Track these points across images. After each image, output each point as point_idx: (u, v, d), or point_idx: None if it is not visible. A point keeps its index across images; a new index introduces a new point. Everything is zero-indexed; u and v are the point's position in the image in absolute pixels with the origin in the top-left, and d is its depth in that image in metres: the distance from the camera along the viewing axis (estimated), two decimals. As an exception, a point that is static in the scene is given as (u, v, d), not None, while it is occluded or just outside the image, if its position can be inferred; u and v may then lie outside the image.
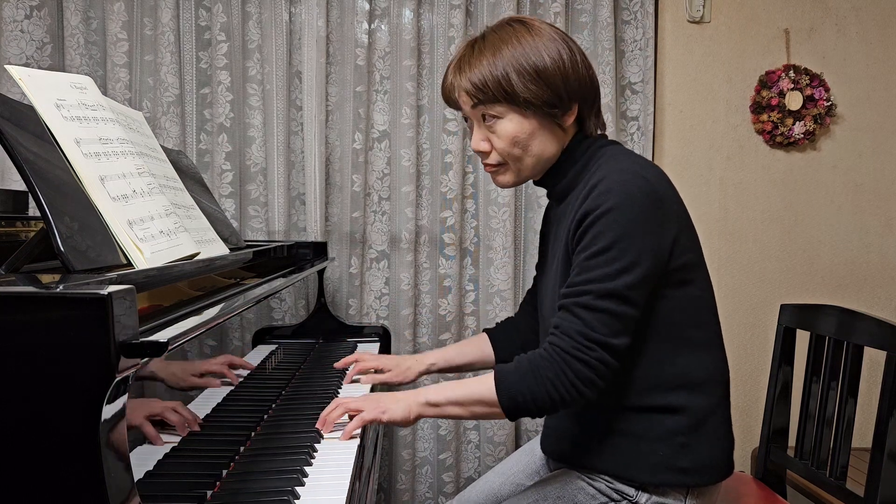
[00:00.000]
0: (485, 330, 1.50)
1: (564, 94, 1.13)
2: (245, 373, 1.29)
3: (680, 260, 1.11)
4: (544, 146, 1.17)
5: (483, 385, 1.10)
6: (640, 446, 1.13)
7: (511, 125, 1.14)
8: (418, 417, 1.15)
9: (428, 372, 1.47)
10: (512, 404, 1.08)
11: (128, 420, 0.67)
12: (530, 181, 1.26)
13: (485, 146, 1.18)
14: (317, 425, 1.16)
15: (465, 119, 1.23)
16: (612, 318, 1.05)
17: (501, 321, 1.52)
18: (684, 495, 1.14)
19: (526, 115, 1.14)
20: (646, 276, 1.06)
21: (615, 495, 1.15)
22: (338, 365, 1.52)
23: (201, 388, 1.06)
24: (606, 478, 1.16)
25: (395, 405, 1.14)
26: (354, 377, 1.49)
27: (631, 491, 1.14)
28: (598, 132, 1.22)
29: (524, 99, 1.12)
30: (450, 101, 1.22)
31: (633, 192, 1.06)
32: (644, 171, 1.10)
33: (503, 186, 1.24)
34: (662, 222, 1.08)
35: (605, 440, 1.16)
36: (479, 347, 1.48)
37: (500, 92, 1.12)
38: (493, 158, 1.19)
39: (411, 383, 1.47)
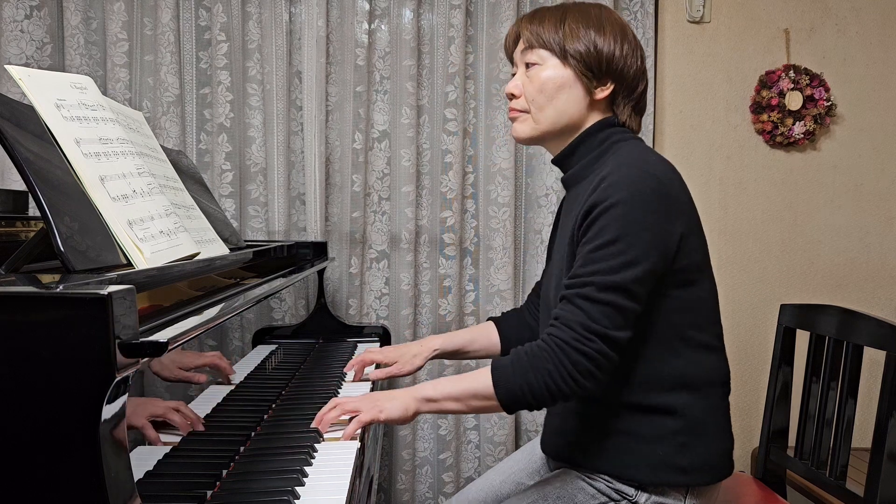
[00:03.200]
0: (490, 318, 1.51)
1: (605, 64, 1.17)
2: (244, 374, 1.29)
3: (686, 260, 1.11)
4: (569, 104, 1.19)
5: (480, 379, 1.10)
6: (639, 446, 1.13)
7: (548, 71, 1.19)
8: (416, 413, 1.14)
9: (433, 357, 1.47)
10: (510, 397, 1.07)
11: (129, 421, 0.67)
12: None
13: (516, 89, 1.23)
14: (313, 424, 1.16)
15: (513, 65, 1.27)
16: (615, 311, 1.05)
17: (507, 311, 1.52)
18: (684, 495, 1.14)
19: (564, 66, 1.19)
20: (650, 272, 1.06)
21: (615, 495, 1.15)
22: (347, 369, 1.51)
23: (186, 383, 1.06)
24: (606, 477, 1.16)
25: (392, 403, 1.14)
26: (363, 375, 1.49)
27: (630, 490, 1.14)
28: (626, 125, 1.22)
29: (567, 50, 1.17)
30: (508, 46, 1.28)
31: (641, 187, 1.07)
32: (653, 168, 1.10)
33: (518, 136, 1.26)
34: (670, 219, 1.08)
35: (605, 440, 1.16)
36: (486, 335, 1.48)
37: (552, 39, 1.19)
38: (520, 103, 1.23)
39: (418, 370, 1.47)
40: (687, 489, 1.14)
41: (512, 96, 1.24)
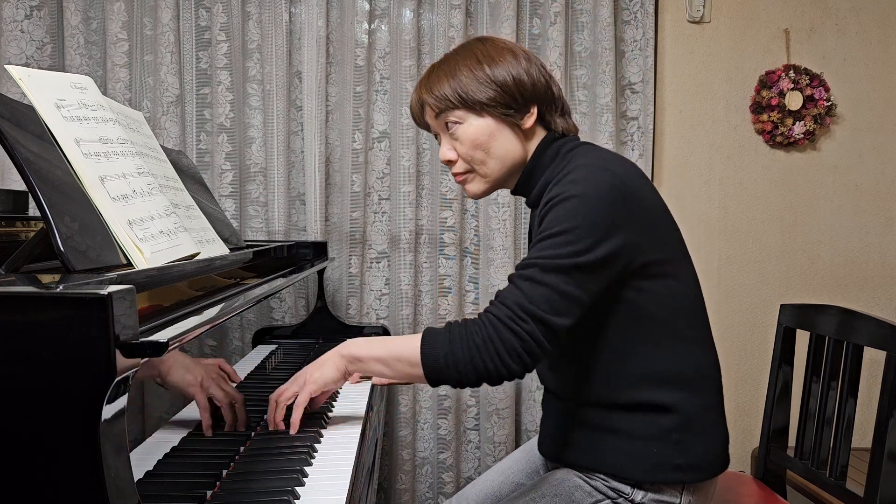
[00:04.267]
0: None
1: (518, 94, 1.16)
2: (244, 374, 1.29)
3: (655, 254, 1.11)
4: (506, 148, 1.19)
5: (409, 343, 1.08)
6: (634, 445, 1.13)
7: (470, 129, 1.18)
8: (350, 373, 1.14)
9: None
10: (434, 365, 1.05)
11: (193, 379, 0.63)
12: (508, 192, 1.27)
13: (451, 154, 1.21)
14: (269, 427, 1.15)
15: (436, 136, 1.25)
16: (554, 294, 1.03)
17: None
18: (680, 491, 1.14)
19: (483, 116, 1.17)
20: (598, 262, 1.05)
21: (612, 493, 1.15)
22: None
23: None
24: (603, 476, 1.16)
25: (321, 371, 1.13)
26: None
27: (627, 489, 1.14)
28: (568, 134, 1.23)
29: (479, 102, 1.16)
30: (420, 122, 1.26)
31: (596, 183, 1.06)
32: (610, 164, 1.10)
33: (473, 196, 1.25)
34: (627, 215, 1.07)
35: (600, 440, 1.16)
36: None
37: (457, 97, 1.17)
38: (460, 166, 1.22)
39: None
40: (683, 485, 1.14)
41: (450, 163, 1.23)
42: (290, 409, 1.14)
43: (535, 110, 1.19)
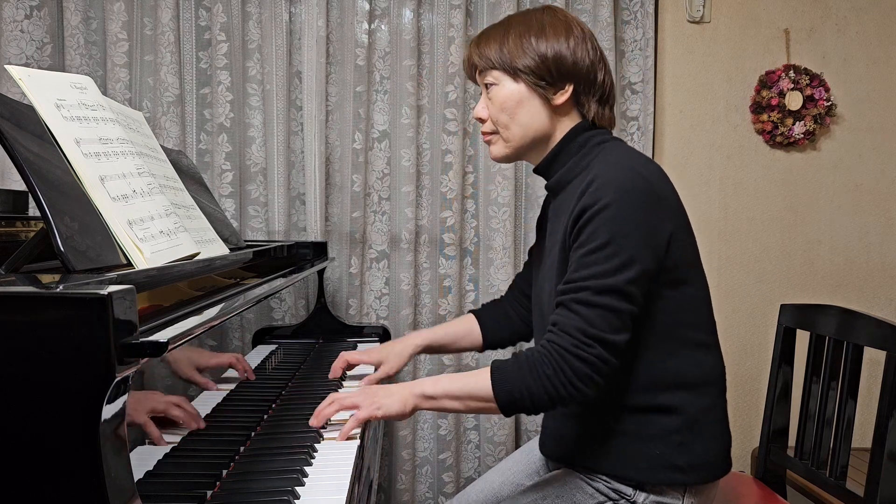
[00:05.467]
0: (471, 311, 1.50)
1: (554, 70, 1.16)
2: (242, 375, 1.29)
3: (676, 258, 1.11)
4: (531, 118, 1.19)
5: (480, 379, 1.10)
6: (637, 446, 1.13)
7: (503, 91, 1.20)
8: (415, 409, 1.14)
9: (418, 353, 1.46)
10: (508, 400, 1.07)
11: (131, 417, 0.66)
12: (529, 169, 1.27)
13: (483, 112, 1.24)
14: (311, 421, 1.16)
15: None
16: (611, 314, 1.05)
17: (487, 303, 1.52)
18: (682, 493, 1.14)
19: (517, 81, 1.19)
20: (644, 272, 1.06)
21: (613, 494, 1.15)
22: (332, 375, 1.47)
23: (198, 387, 1.06)
24: (604, 477, 1.16)
25: (390, 399, 1.13)
26: (351, 375, 1.48)
27: (629, 490, 1.14)
28: (602, 125, 1.22)
29: (514, 67, 1.17)
30: (469, 73, 1.28)
31: (629, 188, 1.06)
32: (641, 168, 1.10)
33: (495, 158, 1.26)
34: (659, 218, 1.08)
35: (603, 440, 1.16)
36: (467, 327, 1.47)
37: (498, 59, 1.19)
38: (488, 126, 1.24)
39: (404, 366, 1.46)
40: (685, 488, 1.14)
41: (481, 120, 1.25)
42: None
43: (570, 88, 1.18)
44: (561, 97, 1.18)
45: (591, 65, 1.19)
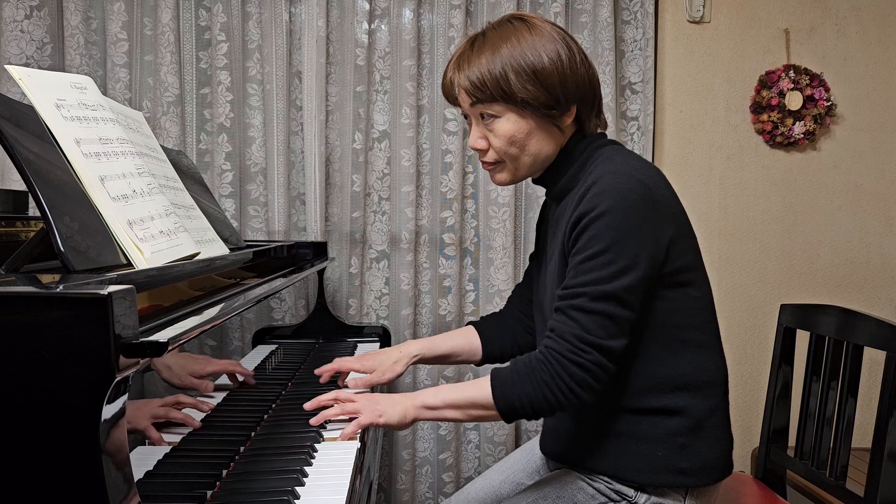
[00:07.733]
0: (470, 323, 1.49)
1: (562, 95, 1.13)
2: (241, 379, 1.29)
3: (677, 262, 1.11)
4: (541, 146, 1.17)
5: (479, 388, 1.10)
6: (639, 447, 1.13)
7: (508, 124, 1.14)
8: (414, 420, 1.15)
9: (413, 363, 1.43)
10: (508, 407, 1.08)
11: (132, 424, 0.66)
12: (529, 179, 1.27)
13: (482, 144, 1.18)
14: (306, 405, 1.17)
15: (465, 116, 1.22)
16: (608, 321, 1.05)
17: (487, 315, 1.51)
18: (683, 496, 1.14)
19: (524, 114, 1.14)
20: (641, 279, 1.06)
21: (614, 496, 1.15)
22: (323, 380, 1.44)
23: (196, 391, 1.06)
24: (605, 478, 1.16)
25: (392, 409, 1.14)
26: (344, 384, 1.45)
27: (630, 491, 1.14)
28: (598, 131, 1.22)
29: (522, 99, 1.12)
30: (449, 97, 1.22)
31: (627, 194, 1.06)
32: (639, 173, 1.09)
33: (500, 184, 1.25)
34: (658, 224, 1.08)
35: (605, 441, 1.16)
36: (466, 339, 1.45)
37: (498, 91, 1.12)
38: (491, 157, 1.19)
39: (399, 376, 1.43)
40: (686, 490, 1.14)
41: (481, 151, 1.19)
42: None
43: (575, 110, 1.16)
44: (567, 119, 1.16)
45: (590, 80, 1.16)
